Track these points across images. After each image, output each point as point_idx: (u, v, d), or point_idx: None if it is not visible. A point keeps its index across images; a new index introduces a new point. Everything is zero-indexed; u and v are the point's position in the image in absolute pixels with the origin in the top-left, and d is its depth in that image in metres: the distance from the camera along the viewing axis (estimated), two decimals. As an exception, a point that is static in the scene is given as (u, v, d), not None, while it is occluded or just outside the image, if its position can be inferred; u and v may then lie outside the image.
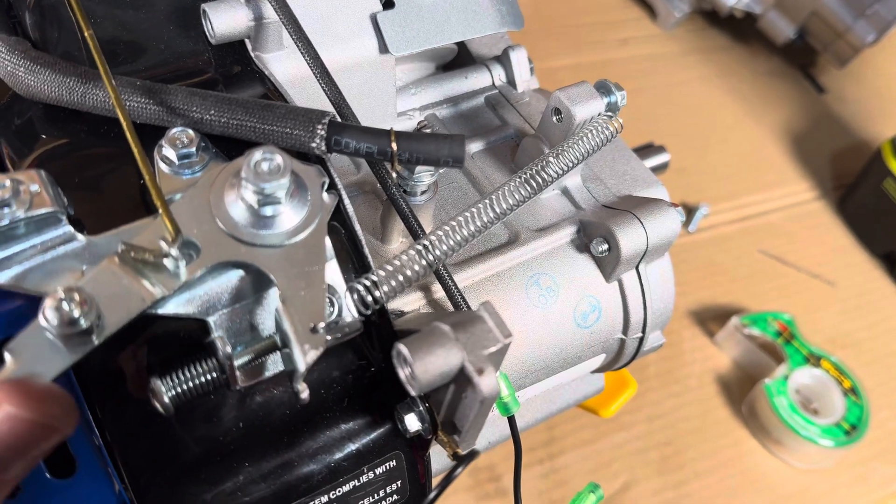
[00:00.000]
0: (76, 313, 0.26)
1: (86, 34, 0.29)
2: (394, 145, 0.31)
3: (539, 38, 0.90)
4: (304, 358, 0.28)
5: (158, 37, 0.37)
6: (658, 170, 0.58)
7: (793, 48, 0.93)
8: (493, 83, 0.48)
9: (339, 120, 0.32)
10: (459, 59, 0.50)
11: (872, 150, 0.78)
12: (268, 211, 0.29)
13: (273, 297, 0.32)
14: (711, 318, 0.69)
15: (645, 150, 0.58)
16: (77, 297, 0.26)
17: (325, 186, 0.33)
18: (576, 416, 0.61)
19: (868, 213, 0.78)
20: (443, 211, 0.42)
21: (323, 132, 0.31)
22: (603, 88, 0.40)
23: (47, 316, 0.26)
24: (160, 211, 0.28)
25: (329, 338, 0.29)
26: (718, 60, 0.94)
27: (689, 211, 0.76)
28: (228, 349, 0.29)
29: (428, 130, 0.34)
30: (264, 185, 0.28)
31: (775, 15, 0.88)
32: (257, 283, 0.31)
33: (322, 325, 0.29)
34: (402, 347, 0.29)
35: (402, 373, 0.29)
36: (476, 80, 0.47)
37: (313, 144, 0.32)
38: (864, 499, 0.62)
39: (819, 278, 0.75)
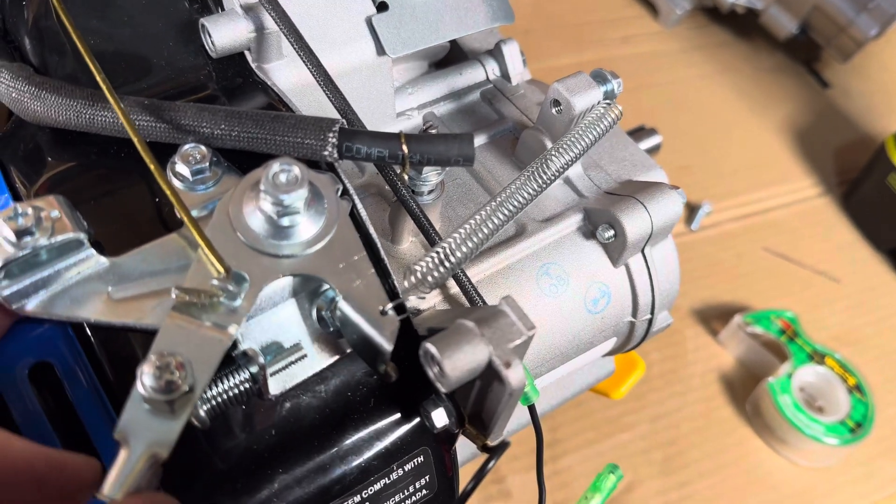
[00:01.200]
0: (176, 376, 0.27)
1: (91, 66, 0.31)
2: (404, 148, 0.33)
3: (540, 38, 0.93)
4: (385, 341, 0.30)
5: (158, 54, 0.39)
6: (651, 152, 0.60)
7: (796, 43, 0.95)
8: (488, 77, 0.50)
9: (346, 127, 0.34)
10: (451, 55, 0.52)
11: (877, 145, 0.80)
12: (287, 221, 0.31)
13: (293, 305, 0.33)
14: (715, 317, 0.71)
15: (636, 134, 0.60)
16: (173, 361, 0.27)
17: (340, 192, 0.35)
18: (578, 417, 0.63)
19: (873, 209, 0.80)
20: (449, 208, 0.44)
21: (334, 140, 0.33)
22: (599, 77, 0.43)
23: (148, 385, 0.26)
24: (205, 249, 0.29)
25: (399, 318, 0.31)
26: (720, 57, 0.96)
27: (692, 209, 0.78)
28: (261, 359, 0.31)
29: (434, 131, 0.36)
30: (283, 196, 0.29)
31: (777, 10, 0.91)
32: (288, 290, 0.33)
33: (389, 306, 0.31)
34: (430, 347, 0.30)
35: (431, 371, 0.31)
36: (470, 75, 0.49)
37: (325, 153, 0.33)
38: (870, 497, 0.63)
39: (824, 275, 0.76)
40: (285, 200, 0.30)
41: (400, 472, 0.36)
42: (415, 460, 0.37)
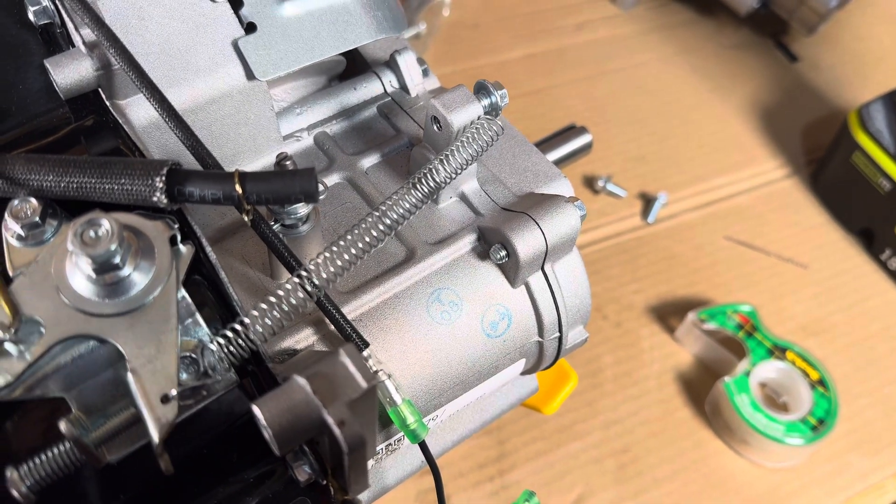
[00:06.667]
0: None
1: None
2: (238, 188, 0.31)
3: (490, 32, 0.89)
4: (156, 431, 0.28)
5: (8, 100, 0.38)
6: (581, 152, 0.57)
7: (761, 18, 0.90)
8: (385, 90, 0.47)
9: (181, 168, 0.32)
10: (357, 67, 0.49)
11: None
12: (110, 278, 0.29)
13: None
14: (672, 314, 0.68)
15: (565, 134, 0.57)
16: None
17: (178, 239, 0.32)
18: (528, 427, 0.61)
19: (840, 189, 0.75)
20: (336, 235, 0.41)
21: (161, 184, 0.31)
22: (482, 90, 0.40)
23: None
24: None
25: (179, 405, 0.29)
26: (681, 37, 0.92)
27: (647, 201, 0.75)
28: (76, 431, 0.29)
29: (288, 163, 0.34)
30: (94, 253, 0.28)
31: (736, -16, 0.86)
32: (115, 352, 0.31)
33: (173, 392, 0.29)
34: (255, 409, 0.28)
35: (265, 434, 0.29)
36: (366, 89, 0.47)
37: (154, 198, 0.31)
38: (840, 494, 0.60)
39: (791, 262, 0.73)
40: (97, 258, 0.28)
41: None
42: None
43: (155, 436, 0.28)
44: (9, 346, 0.28)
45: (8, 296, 0.28)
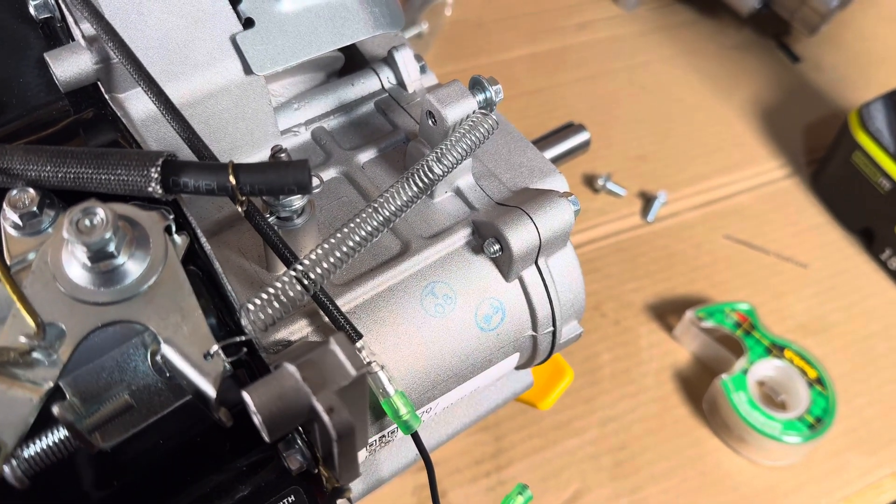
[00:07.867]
0: None
1: None
2: (232, 179, 0.31)
3: (493, 31, 0.90)
4: (209, 386, 0.29)
5: (9, 92, 0.38)
6: (579, 149, 0.57)
7: (763, 18, 0.90)
8: (383, 86, 0.47)
9: (177, 159, 0.32)
10: (355, 63, 0.49)
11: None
12: (104, 266, 0.29)
13: (125, 352, 0.32)
14: (670, 312, 0.68)
15: (564, 132, 0.57)
16: None
17: (174, 228, 0.33)
18: (525, 424, 0.61)
19: (840, 189, 0.75)
20: (332, 228, 0.42)
21: (157, 175, 0.31)
22: (477, 86, 0.40)
23: None
24: (17, 302, 0.28)
25: (227, 360, 0.30)
26: (683, 37, 0.92)
27: (647, 200, 0.75)
28: (70, 417, 0.29)
29: (283, 155, 0.34)
30: (89, 242, 0.28)
31: (737, -16, 0.86)
32: (116, 337, 0.31)
33: (215, 348, 0.29)
34: (245, 395, 0.29)
35: (255, 420, 0.29)
36: (364, 85, 0.47)
37: (150, 189, 0.32)
38: (837, 493, 0.60)
39: (790, 261, 0.73)
40: (92, 246, 0.28)
41: None
42: (285, 500, 0.35)
43: (210, 390, 0.29)
44: (39, 354, 0.28)
45: (29, 304, 0.28)
